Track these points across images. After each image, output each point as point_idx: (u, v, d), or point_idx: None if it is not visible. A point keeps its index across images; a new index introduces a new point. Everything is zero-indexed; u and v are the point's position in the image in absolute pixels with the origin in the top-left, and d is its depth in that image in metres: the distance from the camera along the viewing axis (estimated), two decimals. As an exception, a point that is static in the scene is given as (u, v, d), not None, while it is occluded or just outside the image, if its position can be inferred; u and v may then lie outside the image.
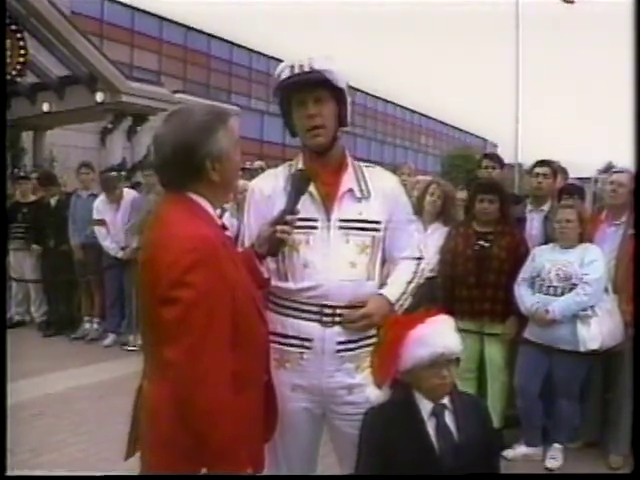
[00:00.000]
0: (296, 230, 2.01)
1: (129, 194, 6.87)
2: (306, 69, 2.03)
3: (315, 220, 2.07)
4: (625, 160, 4.14)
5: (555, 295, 3.75)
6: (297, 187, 2.04)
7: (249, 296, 1.79)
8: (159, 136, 1.75)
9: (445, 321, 2.00)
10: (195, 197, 1.74)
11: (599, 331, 3.65)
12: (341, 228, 2.07)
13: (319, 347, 2.05)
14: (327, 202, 2.09)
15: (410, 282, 2.18)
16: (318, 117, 2.06)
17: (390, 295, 2.12)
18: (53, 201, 7.37)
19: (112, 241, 6.66)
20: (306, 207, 2.05)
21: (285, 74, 2.06)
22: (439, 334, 1.92)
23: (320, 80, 2.04)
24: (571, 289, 3.71)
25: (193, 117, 1.73)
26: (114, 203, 6.74)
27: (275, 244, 1.98)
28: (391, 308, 2.10)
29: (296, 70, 2.04)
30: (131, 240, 6.40)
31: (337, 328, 2.06)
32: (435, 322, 1.96)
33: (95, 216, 6.75)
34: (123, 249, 6.56)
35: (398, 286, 2.15)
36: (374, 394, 1.99)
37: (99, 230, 6.70)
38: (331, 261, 2.05)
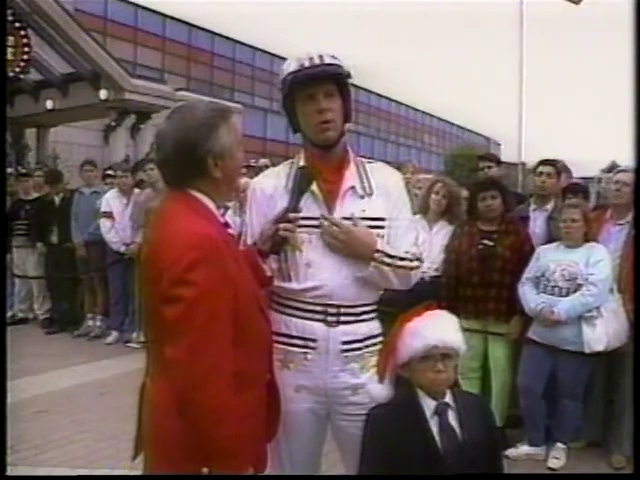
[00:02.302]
0: (298, 229, 2.00)
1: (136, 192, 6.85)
2: (316, 62, 2.00)
3: (317, 219, 2.05)
4: (629, 159, 4.13)
5: (560, 295, 3.74)
6: (299, 185, 2.03)
7: (251, 294, 1.78)
8: (161, 133, 1.74)
9: (442, 316, 2.01)
10: (197, 194, 1.73)
11: (604, 332, 3.63)
12: None
13: (323, 347, 2.03)
14: (329, 200, 2.06)
15: (402, 259, 2.04)
16: (329, 112, 2.03)
17: (380, 244, 2.01)
18: (57, 198, 7.39)
19: (116, 235, 6.64)
20: (308, 206, 2.04)
21: (293, 68, 2.03)
22: (434, 327, 1.93)
23: (333, 73, 2.02)
24: (576, 289, 3.70)
25: (195, 114, 1.72)
26: (125, 197, 6.74)
27: (278, 242, 1.98)
28: (370, 253, 1.98)
29: (306, 63, 2.01)
30: (136, 236, 6.37)
31: (342, 328, 2.04)
32: (431, 316, 1.98)
33: (103, 208, 6.73)
34: (128, 245, 6.52)
35: (391, 250, 2.03)
36: (375, 389, 2.00)
37: (104, 223, 6.68)
38: (334, 260, 2.03)
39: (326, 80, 2.02)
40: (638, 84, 3.34)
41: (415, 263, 2.11)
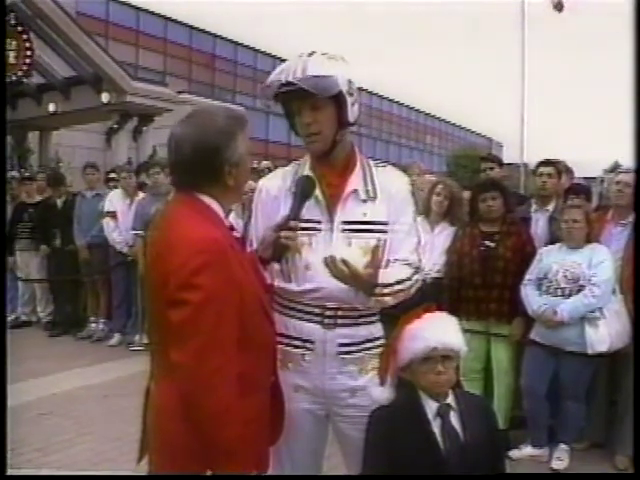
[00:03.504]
0: (300, 231, 1.99)
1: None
2: (298, 75, 1.94)
3: (318, 222, 2.05)
4: (631, 160, 4.12)
5: (563, 296, 3.73)
6: (302, 193, 2.02)
7: (257, 298, 1.78)
8: (178, 136, 1.72)
9: (442, 317, 2.02)
10: (206, 199, 1.73)
11: (607, 333, 3.63)
12: (344, 230, 2.04)
13: (320, 349, 2.04)
14: (331, 204, 2.06)
15: (400, 282, 2.03)
16: (313, 125, 2.01)
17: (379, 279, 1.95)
18: (59, 202, 7.40)
19: (119, 235, 6.65)
20: (310, 209, 2.03)
21: (276, 81, 1.99)
22: (433, 329, 1.93)
23: (316, 89, 1.93)
24: (579, 290, 3.69)
25: (215, 120, 1.72)
26: (128, 198, 6.74)
27: (279, 249, 1.97)
28: (370, 290, 1.94)
29: (289, 77, 1.95)
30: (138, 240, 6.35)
31: (339, 330, 2.04)
32: (431, 317, 1.98)
33: (107, 208, 6.74)
34: (131, 246, 6.52)
35: (389, 277, 2.00)
36: (376, 391, 2.01)
37: (108, 223, 6.69)
38: None
39: (310, 93, 1.95)
40: (639, 84, 3.34)
41: (414, 278, 2.07)
